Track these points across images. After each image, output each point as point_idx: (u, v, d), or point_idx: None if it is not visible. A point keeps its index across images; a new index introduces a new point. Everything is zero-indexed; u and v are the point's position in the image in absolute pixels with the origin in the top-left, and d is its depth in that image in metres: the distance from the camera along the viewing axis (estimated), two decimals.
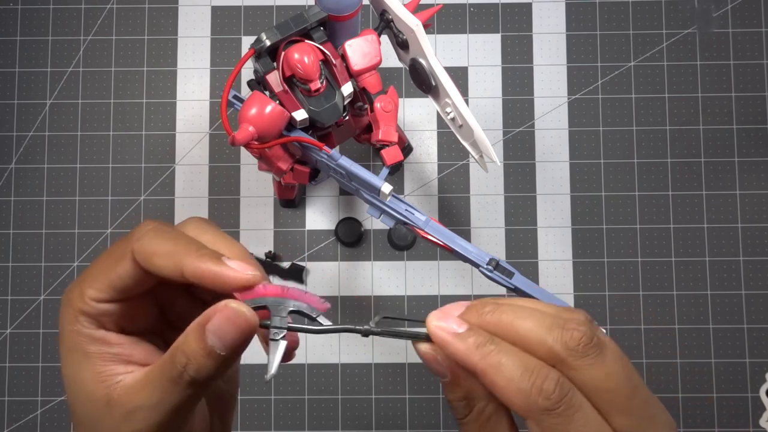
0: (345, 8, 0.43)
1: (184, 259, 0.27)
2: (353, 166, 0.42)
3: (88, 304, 0.28)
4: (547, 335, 0.25)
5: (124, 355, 0.28)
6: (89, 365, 0.28)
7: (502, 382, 0.25)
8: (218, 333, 0.26)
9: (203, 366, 0.26)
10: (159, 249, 0.27)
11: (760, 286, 0.60)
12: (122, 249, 0.28)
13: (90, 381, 0.28)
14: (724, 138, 0.62)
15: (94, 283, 0.28)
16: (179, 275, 0.27)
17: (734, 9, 0.63)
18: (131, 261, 0.28)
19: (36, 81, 0.62)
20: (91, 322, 0.28)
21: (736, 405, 0.59)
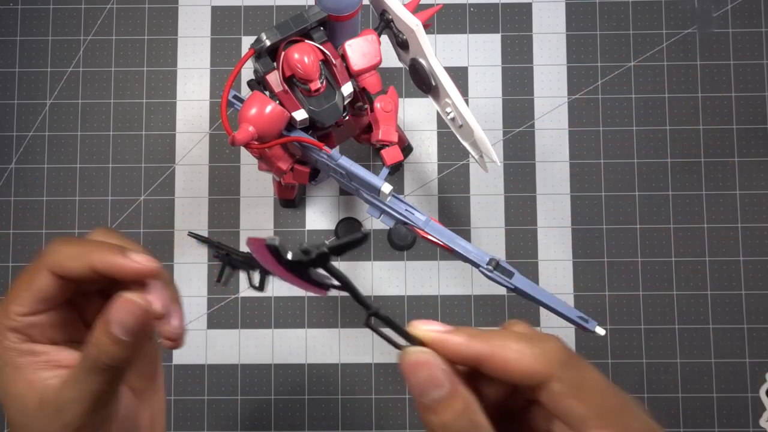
0: (345, 8, 0.43)
1: (92, 256, 0.30)
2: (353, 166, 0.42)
3: (14, 319, 0.30)
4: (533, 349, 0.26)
5: (53, 362, 0.31)
6: (21, 375, 0.30)
7: (513, 355, 0.25)
8: (118, 322, 0.29)
9: (114, 352, 0.29)
10: (69, 253, 0.30)
11: (760, 286, 0.60)
12: (37, 263, 0.30)
13: (23, 389, 0.30)
14: (724, 138, 0.62)
15: (17, 299, 0.30)
16: (90, 271, 0.30)
17: (734, 9, 0.63)
18: (47, 272, 0.30)
19: (36, 81, 0.62)
20: (19, 337, 0.30)
21: (736, 405, 0.59)
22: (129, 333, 0.29)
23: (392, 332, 0.26)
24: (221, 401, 0.59)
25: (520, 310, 0.60)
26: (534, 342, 0.27)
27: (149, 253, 0.32)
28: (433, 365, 0.26)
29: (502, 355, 0.26)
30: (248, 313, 0.60)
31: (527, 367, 0.26)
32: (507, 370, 0.26)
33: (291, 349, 0.60)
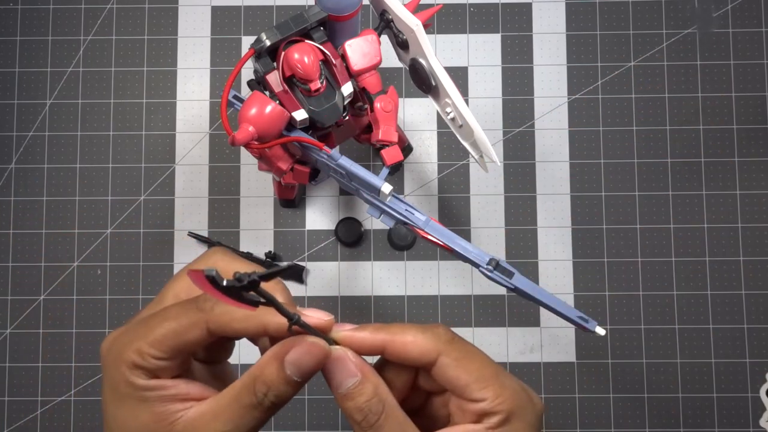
0: (345, 8, 0.43)
1: (265, 319, 0.30)
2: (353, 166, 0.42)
3: (147, 361, 0.30)
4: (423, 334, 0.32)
5: (181, 395, 0.30)
6: (148, 408, 0.30)
7: (410, 338, 0.32)
8: (297, 363, 0.30)
9: (282, 392, 0.30)
10: (236, 316, 0.30)
11: (760, 286, 0.60)
12: (192, 317, 0.30)
13: (150, 422, 0.30)
14: (724, 138, 0.62)
15: (156, 343, 0.30)
16: (261, 332, 0.31)
17: (734, 9, 0.63)
18: (203, 330, 0.30)
19: (36, 81, 0.62)
20: (145, 374, 0.30)
21: (736, 405, 0.59)
22: (304, 375, 0.30)
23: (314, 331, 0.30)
24: None
25: (520, 310, 0.60)
26: (425, 328, 0.33)
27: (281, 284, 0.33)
28: (345, 359, 0.31)
29: (401, 339, 0.32)
30: None
31: (421, 346, 0.32)
32: (406, 352, 0.32)
33: None
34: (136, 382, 0.30)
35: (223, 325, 0.30)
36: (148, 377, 0.30)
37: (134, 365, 0.30)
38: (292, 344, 0.30)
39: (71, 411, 0.59)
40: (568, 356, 0.60)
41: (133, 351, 0.30)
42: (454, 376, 0.32)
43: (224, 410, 0.30)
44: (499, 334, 0.60)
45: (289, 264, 0.26)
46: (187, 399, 0.30)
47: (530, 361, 0.60)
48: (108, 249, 0.61)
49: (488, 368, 0.32)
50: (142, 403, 0.30)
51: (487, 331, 0.60)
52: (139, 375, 0.30)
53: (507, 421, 0.31)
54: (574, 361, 0.60)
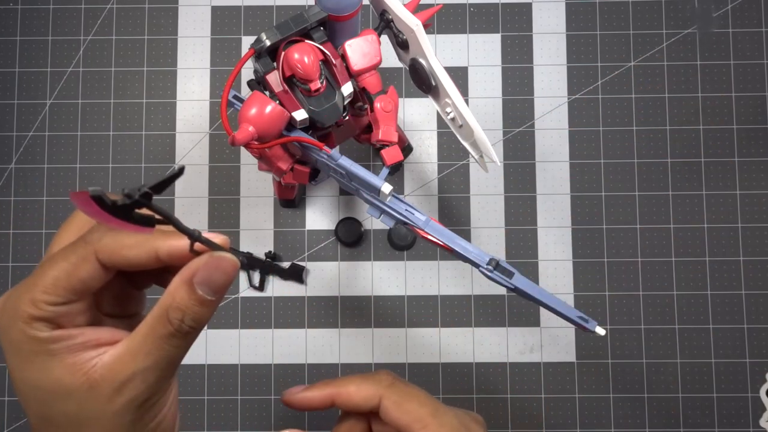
0: (345, 8, 0.43)
1: (156, 244, 0.29)
2: (353, 166, 0.43)
3: (44, 309, 0.28)
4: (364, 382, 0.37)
5: (92, 341, 0.29)
6: (58, 362, 0.28)
7: (354, 387, 0.37)
8: (207, 281, 0.29)
9: (199, 314, 0.29)
10: (126, 242, 0.29)
11: (760, 286, 0.60)
12: (81, 252, 0.29)
13: (64, 375, 0.28)
14: (724, 138, 0.62)
15: (48, 287, 0.28)
16: (153, 259, 0.29)
17: (734, 9, 0.63)
18: (94, 262, 0.29)
19: (36, 81, 0.62)
20: (47, 325, 0.28)
21: (736, 405, 0.59)
22: (217, 292, 0.29)
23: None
24: (221, 401, 0.59)
25: (520, 310, 0.60)
26: (367, 376, 0.37)
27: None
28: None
29: (345, 390, 0.37)
30: (248, 313, 0.60)
31: (363, 393, 0.37)
32: (351, 400, 0.37)
33: (291, 349, 0.60)
34: (38, 335, 0.28)
35: (112, 254, 0.29)
36: (50, 328, 0.28)
37: (32, 318, 0.28)
38: (198, 264, 0.29)
39: None
40: (568, 356, 0.60)
41: (27, 303, 0.28)
42: (395, 418, 0.36)
43: (141, 346, 0.29)
44: (499, 334, 0.60)
45: (179, 167, 0.23)
46: (99, 345, 0.29)
47: (530, 361, 0.60)
48: None
49: (426, 408, 0.36)
50: (50, 357, 0.28)
51: (487, 331, 0.60)
52: (39, 327, 0.28)
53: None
54: (574, 361, 0.60)
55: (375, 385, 0.36)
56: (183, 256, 0.29)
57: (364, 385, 0.37)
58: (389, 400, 0.36)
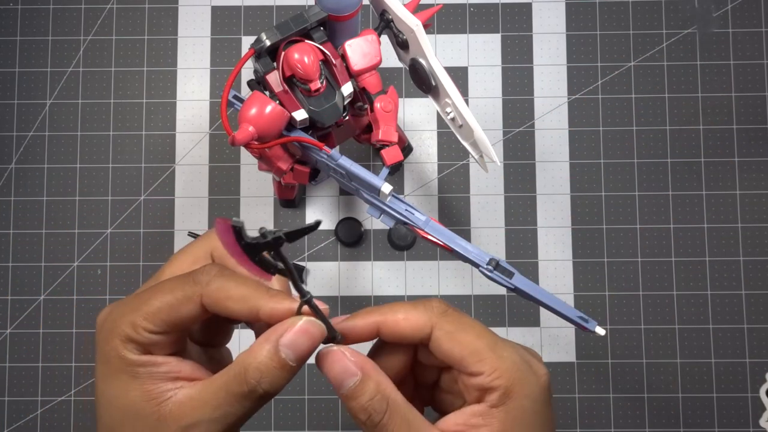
0: (345, 8, 0.43)
1: (259, 303, 0.29)
2: (353, 166, 0.43)
3: (141, 335, 0.29)
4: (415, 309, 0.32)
5: (173, 373, 0.30)
6: (138, 385, 0.29)
7: (402, 315, 0.31)
8: (292, 346, 0.28)
9: (277, 378, 0.28)
10: (232, 294, 0.29)
11: (760, 286, 0.60)
12: (188, 290, 0.29)
13: (139, 400, 0.29)
14: (724, 138, 0.62)
15: (150, 316, 0.29)
16: (254, 316, 0.29)
17: (734, 9, 0.63)
18: (198, 305, 0.29)
19: (36, 81, 0.62)
20: (138, 349, 0.29)
21: (736, 405, 0.59)
22: (300, 359, 0.28)
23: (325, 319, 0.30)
24: None
25: (520, 310, 0.60)
26: (417, 304, 0.32)
27: (285, 281, 0.32)
28: (343, 357, 0.30)
29: (393, 318, 0.31)
30: None
31: (413, 322, 0.31)
32: (399, 329, 0.31)
33: None
34: (127, 356, 0.29)
35: (217, 302, 0.29)
36: (140, 352, 0.29)
37: (127, 339, 0.29)
38: (286, 327, 0.28)
39: (71, 411, 0.59)
40: (568, 356, 0.60)
41: (127, 324, 0.29)
42: (448, 349, 0.31)
43: (213, 397, 0.29)
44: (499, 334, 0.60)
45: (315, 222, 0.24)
46: (178, 378, 0.29)
47: None
48: (108, 249, 0.61)
49: (483, 339, 0.31)
50: (133, 379, 0.29)
51: None
52: (131, 349, 0.29)
53: (507, 396, 0.30)
54: (574, 361, 0.60)
55: (426, 313, 0.32)
56: (280, 319, 0.29)
57: (414, 313, 0.31)
58: (442, 331, 0.31)
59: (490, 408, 0.30)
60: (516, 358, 0.31)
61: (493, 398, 0.30)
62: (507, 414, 0.30)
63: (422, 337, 0.31)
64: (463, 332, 0.31)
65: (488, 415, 0.30)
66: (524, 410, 0.30)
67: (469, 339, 0.31)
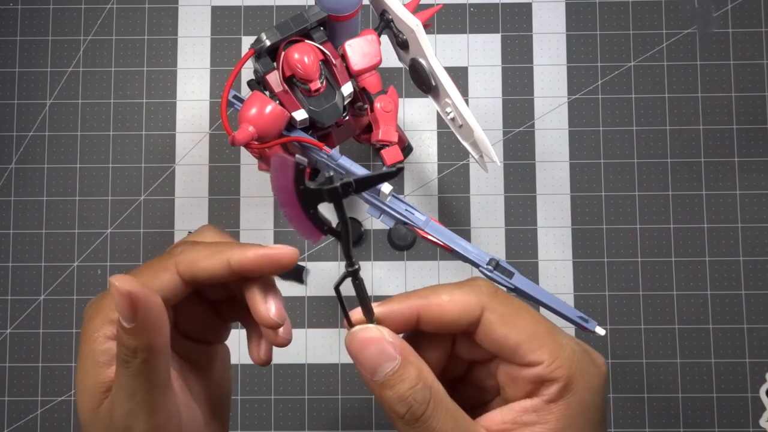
0: (345, 8, 0.43)
1: (229, 253, 0.29)
2: (353, 166, 0.43)
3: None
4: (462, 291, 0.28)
5: None
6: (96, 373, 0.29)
7: (446, 297, 0.27)
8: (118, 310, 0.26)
9: (126, 343, 0.26)
10: (202, 254, 0.29)
11: (760, 286, 0.60)
12: (163, 263, 0.30)
13: (93, 388, 0.29)
14: (724, 138, 0.62)
15: None
16: (226, 269, 0.29)
17: (734, 9, 0.63)
18: (173, 273, 0.29)
19: (36, 81, 0.62)
20: (112, 331, 0.29)
21: (736, 405, 0.59)
22: (128, 319, 0.26)
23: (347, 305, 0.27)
24: None
25: None
26: (462, 284, 0.28)
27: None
28: (381, 339, 0.26)
29: (436, 301, 0.27)
30: None
31: (460, 304, 0.27)
32: (444, 314, 0.27)
33: (291, 349, 0.60)
34: (96, 338, 0.29)
35: (189, 264, 0.29)
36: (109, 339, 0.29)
37: (108, 320, 0.29)
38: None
39: (71, 411, 0.59)
40: None
41: (108, 304, 0.29)
42: (502, 335, 0.27)
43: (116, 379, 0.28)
44: None
45: (397, 167, 0.22)
46: None
47: None
48: (108, 249, 0.61)
49: (541, 324, 0.27)
50: (94, 365, 0.29)
51: None
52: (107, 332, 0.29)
53: (567, 389, 0.26)
54: None
55: (475, 293, 0.27)
56: (252, 267, 0.29)
57: (460, 294, 0.27)
58: (494, 313, 0.27)
59: (547, 403, 0.26)
60: (575, 347, 0.27)
61: (551, 391, 0.26)
62: (567, 409, 0.26)
63: (470, 321, 0.27)
64: (518, 316, 0.27)
65: (544, 410, 0.26)
66: (585, 405, 0.26)
67: (526, 323, 0.27)
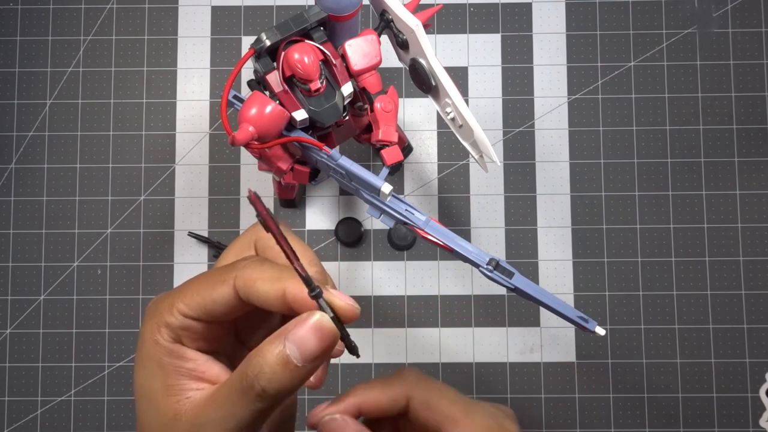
0: (345, 8, 0.43)
1: (288, 284, 0.27)
2: (353, 166, 0.43)
3: (174, 316, 0.28)
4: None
5: (197, 372, 0.29)
6: (161, 377, 0.28)
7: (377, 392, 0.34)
8: (298, 342, 0.26)
9: (276, 376, 0.26)
10: (263, 275, 0.28)
11: (760, 286, 0.60)
12: (224, 274, 0.29)
13: (160, 392, 0.28)
14: (724, 138, 0.62)
15: (186, 298, 0.28)
16: (280, 299, 0.27)
17: (734, 9, 0.63)
18: (231, 287, 0.28)
19: (36, 81, 0.62)
20: (170, 334, 0.29)
21: (736, 405, 0.59)
22: (306, 359, 0.26)
23: None
24: None
25: (520, 310, 0.60)
26: (391, 378, 0.34)
27: (316, 260, 0.32)
28: (344, 427, 0.32)
29: (372, 394, 0.33)
30: None
31: (389, 395, 0.33)
32: (379, 404, 0.33)
33: None
34: (159, 340, 0.28)
35: (247, 282, 0.28)
36: (172, 339, 0.28)
37: (164, 323, 0.28)
38: (297, 321, 0.26)
39: (71, 411, 0.59)
40: (568, 356, 0.60)
41: (167, 306, 0.28)
42: (425, 417, 0.33)
43: (219, 395, 0.27)
44: (499, 334, 0.60)
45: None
46: (202, 379, 0.29)
47: (530, 361, 0.60)
48: (108, 249, 0.61)
49: (457, 405, 0.33)
50: (158, 369, 0.28)
51: (487, 331, 0.60)
52: (164, 334, 0.28)
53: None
54: (574, 361, 0.60)
55: (400, 385, 0.33)
56: (304, 306, 0.27)
57: (389, 388, 0.33)
58: (416, 400, 0.33)
59: None
60: (489, 422, 0.32)
61: None
62: None
63: (400, 408, 0.33)
64: (437, 400, 0.33)
65: None
66: None
67: (444, 405, 0.33)
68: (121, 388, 0.60)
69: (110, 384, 0.60)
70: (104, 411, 0.59)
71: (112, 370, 0.60)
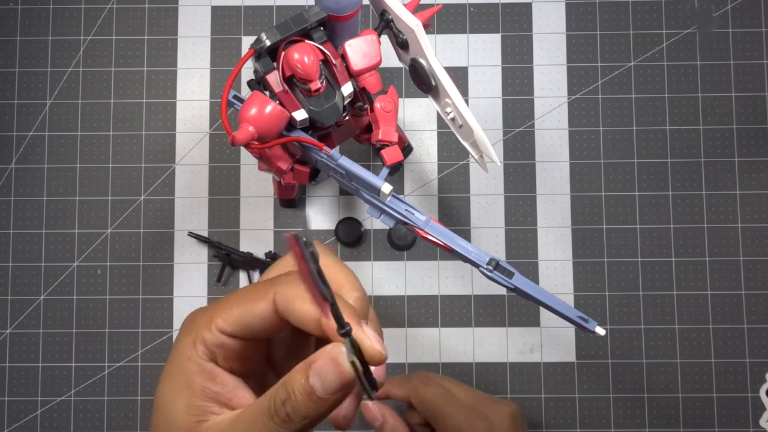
0: (345, 8, 0.43)
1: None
2: (353, 166, 0.43)
3: (212, 332, 0.28)
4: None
5: (224, 397, 0.28)
6: (187, 395, 0.28)
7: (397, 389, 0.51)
8: (320, 373, 0.26)
9: (301, 404, 0.26)
10: (303, 293, 0.27)
11: (760, 286, 0.60)
12: (265, 289, 0.28)
13: (181, 410, 0.28)
14: (724, 138, 0.62)
15: (225, 313, 0.28)
16: (316, 322, 0.27)
17: (734, 9, 0.63)
18: (270, 303, 0.28)
19: (36, 81, 0.62)
20: (206, 351, 0.28)
21: (736, 405, 0.59)
22: (326, 391, 0.26)
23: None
24: None
25: (520, 310, 0.60)
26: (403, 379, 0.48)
27: (359, 286, 0.30)
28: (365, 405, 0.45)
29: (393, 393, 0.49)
30: None
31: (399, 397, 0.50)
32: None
33: None
34: (193, 356, 0.28)
35: (286, 300, 0.27)
36: (206, 357, 0.28)
37: (201, 339, 0.28)
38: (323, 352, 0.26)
39: (71, 411, 0.59)
40: (568, 356, 0.60)
41: (206, 320, 0.28)
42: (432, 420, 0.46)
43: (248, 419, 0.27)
44: (499, 334, 0.60)
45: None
46: (226, 405, 0.28)
47: (530, 361, 0.60)
48: (108, 249, 0.61)
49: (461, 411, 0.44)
50: (186, 387, 0.28)
51: (487, 331, 0.60)
52: (200, 351, 0.28)
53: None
54: (574, 361, 0.60)
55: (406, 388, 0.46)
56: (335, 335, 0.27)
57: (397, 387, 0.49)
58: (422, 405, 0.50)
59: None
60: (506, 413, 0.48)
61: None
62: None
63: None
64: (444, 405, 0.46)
65: None
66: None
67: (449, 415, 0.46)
68: (121, 388, 0.60)
69: (110, 384, 0.60)
70: (104, 411, 0.59)
71: (112, 370, 0.60)
